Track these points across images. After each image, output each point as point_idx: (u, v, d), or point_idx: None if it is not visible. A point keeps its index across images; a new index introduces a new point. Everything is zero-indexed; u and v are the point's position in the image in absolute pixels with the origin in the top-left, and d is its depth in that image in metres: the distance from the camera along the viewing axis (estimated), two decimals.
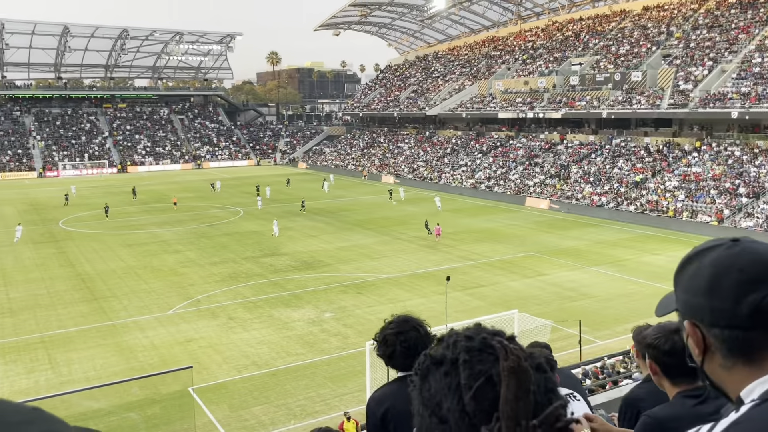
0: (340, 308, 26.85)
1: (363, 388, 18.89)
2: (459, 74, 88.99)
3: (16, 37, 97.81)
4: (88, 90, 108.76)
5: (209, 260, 35.57)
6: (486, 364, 1.10)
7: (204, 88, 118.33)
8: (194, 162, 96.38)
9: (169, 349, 22.48)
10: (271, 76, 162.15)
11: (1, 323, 25.42)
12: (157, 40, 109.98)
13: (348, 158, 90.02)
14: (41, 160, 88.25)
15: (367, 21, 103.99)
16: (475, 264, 34.20)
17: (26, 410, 0.95)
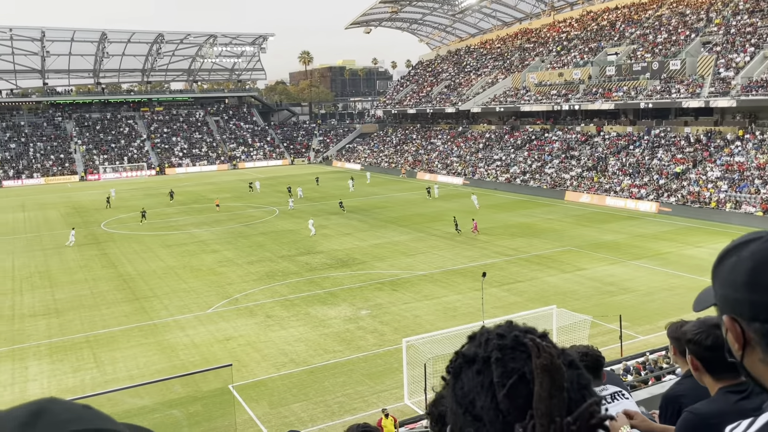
0: (375, 305, 26.90)
1: (400, 385, 18.90)
2: (492, 68, 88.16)
3: (56, 44, 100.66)
4: (126, 94, 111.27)
5: (246, 259, 36.03)
6: (519, 362, 1.10)
7: (238, 90, 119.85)
8: (230, 163, 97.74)
9: (209, 347, 22.86)
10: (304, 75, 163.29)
11: (48, 323, 26.21)
12: (191, 44, 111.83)
13: (381, 155, 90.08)
14: (83, 164, 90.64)
15: (397, 17, 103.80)
16: (512, 259, 33.86)
17: (76, 408, 0.98)
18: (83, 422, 0.96)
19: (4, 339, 24.48)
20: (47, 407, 0.97)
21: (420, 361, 18.49)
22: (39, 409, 0.96)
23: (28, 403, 0.98)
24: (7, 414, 0.96)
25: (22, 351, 23.19)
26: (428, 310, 26.00)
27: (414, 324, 24.39)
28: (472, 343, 1.19)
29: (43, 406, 0.97)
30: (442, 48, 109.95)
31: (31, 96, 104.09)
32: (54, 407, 0.97)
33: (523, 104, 72.47)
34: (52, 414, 0.95)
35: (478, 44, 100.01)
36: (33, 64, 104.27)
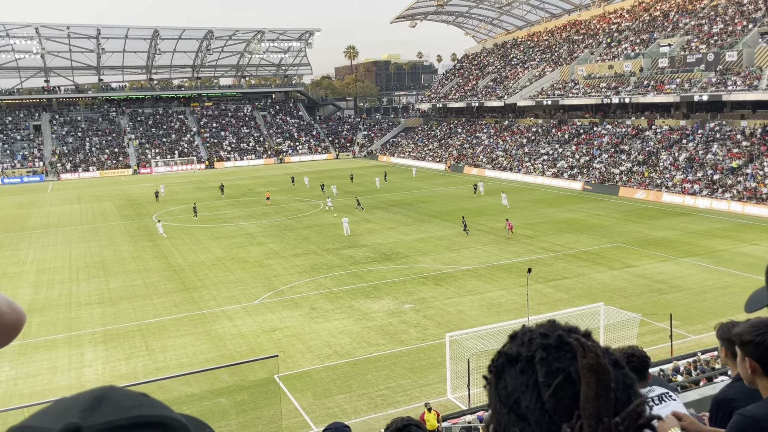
0: (419, 300, 26.93)
1: (443, 379, 18.90)
2: (539, 61, 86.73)
3: (111, 41, 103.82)
4: (177, 90, 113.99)
5: (292, 252, 36.54)
6: (564, 362, 1.09)
7: (284, 85, 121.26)
8: (276, 157, 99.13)
9: (256, 337, 23.32)
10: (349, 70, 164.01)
11: (103, 312, 27.19)
12: (240, 40, 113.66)
13: (425, 150, 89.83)
14: (135, 158, 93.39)
15: (443, 10, 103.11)
16: (558, 255, 33.36)
17: (135, 396, 1.05)
18: (142, 409, 1.02)
19: (62, 326, 25.52)
20: (108, 394, 1.04)
21: (463, 357, 18.45)
22: (101, 396, 1.03)
23: (90, 389, 1.05)
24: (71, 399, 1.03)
25: (78, 338, 24.14)
26: (472, 306, 25.88)
27: (457, 319, 24.33)
28: (514, 342, 1.18)
29: (105, 393, 1.04)
30: (489, 41, 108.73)
31: (87, 92, 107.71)
32: (114, 394, 1.04)
33: (572, 97, 71.09)
34: (112, 400, 1.02)
35: (526, 36, 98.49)
36: (89, 61, 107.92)
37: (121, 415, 1.00)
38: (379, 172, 72.32)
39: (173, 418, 1.04)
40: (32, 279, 33.10)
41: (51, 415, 1.01)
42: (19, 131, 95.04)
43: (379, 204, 52.13)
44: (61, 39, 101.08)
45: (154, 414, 1.02)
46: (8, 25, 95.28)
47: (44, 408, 1.04)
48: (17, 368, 21.35)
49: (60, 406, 1.02)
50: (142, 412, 1.01)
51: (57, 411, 1.01)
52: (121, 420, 0.99)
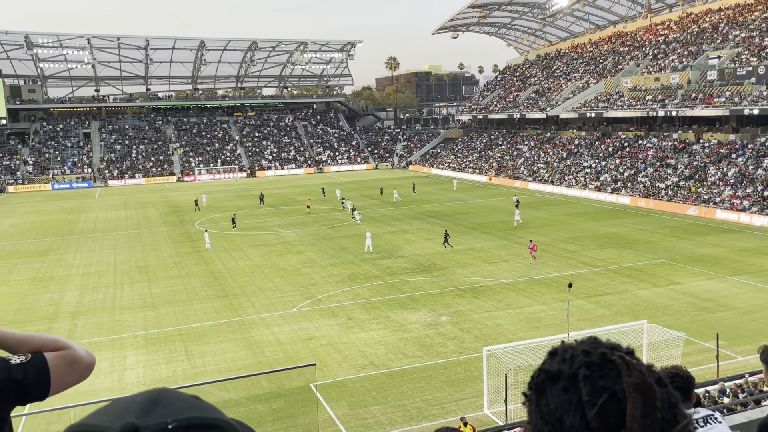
0: (456, 312, 26.69)
1: (480, 394, 18.65)
2: (583, 72, 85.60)
3: (159, 52, 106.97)
4: (221, 100, 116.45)
5: (330, 261, 36.72)
6: (608, 380, 1.08)
7: (326, 95, 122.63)
8: (316, 166, 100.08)
9: (293, 345, 23.45)
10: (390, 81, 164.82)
11: (145, 316, 27.77)
12: (283, 51, 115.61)
13: (465, 161, 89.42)
14: (180, 166, 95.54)
15: (485, 22, 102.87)
16: (600, 271, 32.68)
17: (188, 397, 1.09)
18: (194, 410, 1.06)
19: (106, 329, 26.15)
20: (163, 395, 1.08)
21: (501, 371, 18.17)
22: (156, 397, 1.08)
23: (145, 391, 1.10)
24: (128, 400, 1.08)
25: (121, 341, 24.69)
26: (510, 320, 25.52)
27: (495, 333, 24.01)
28: (554, 358, 1.16)
29: (160, 394, 1.09)
30: (531, 52, 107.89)
31: (135, 101, 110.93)
32: (169, 395, 1.09)
33: (616, 110, 69.86)
34: (167, 401, 1.07)
35: (569, 48, 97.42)
36: (137, 71, 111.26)
37: (176, 416, 1.04)
38: (402, 184, 72.24)
39: (226, 421, 1.08)
40: (78, 282, 34.06)
41: (109, 414, 1.05)
42: (69, 138, 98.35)
43: (417, 215, 52.03)
44: (111, 49, 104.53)
45: (207, 416, 1.06)
46: (62, 36, 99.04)
47: (102, 407, 1.08)
48: None
49: (117, 406, 1.07)
50: (196, 413, 1.05)
51: (115, 411, 1.06)
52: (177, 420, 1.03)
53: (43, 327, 26.53)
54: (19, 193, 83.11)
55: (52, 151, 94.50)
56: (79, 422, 1.06)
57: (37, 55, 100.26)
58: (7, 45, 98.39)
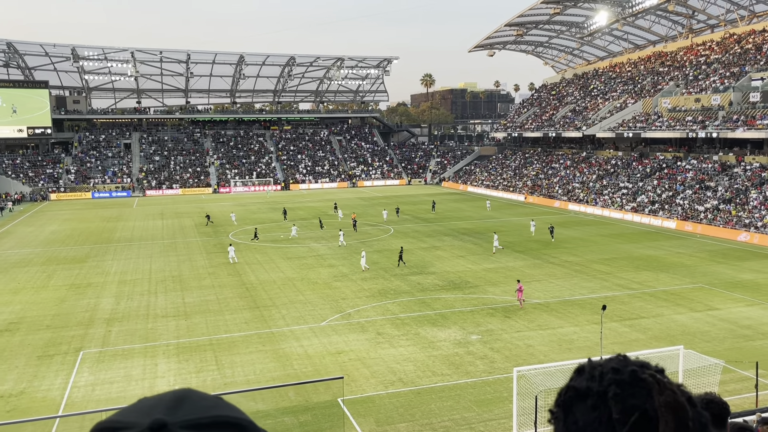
0: (486, 331, 26.39)
1: (509, 415, 18.34)
2: (621, 92, 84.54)
3: (199, 66, 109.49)
4: (258, 113, 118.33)
5: (360, 275, 36.74)
6: (639, 399, 1.08)
7: (361, 111, 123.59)
8: (349, 181, 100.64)
9: (321, 359, 23.46)
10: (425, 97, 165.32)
11: (177, 325, 28.13)
12: (320, 66, 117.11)
13: (499, 179, 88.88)
14: (216, 178, 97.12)
15: (522, 40, 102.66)
16: (635, 293, 31.98)
17: (212, 397, 1.15)
18: (219, 409, 1.11)
19: (139, 336, 26.56)
20: (188, 395, 1.14)
21: (531, 393, 17.85)
22: (182, 396, 1.13)
23: (171, 390, 1.15)
24: (154, 398, 1.13)
25: (153, 348, 25.04)
26: (542, 341, 25.11)
27: (526, 353, 23.65)
28: (582, 376, 1.14)
29: (185, 394, 1.14)
30: (568, 71, 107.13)
31: (174, 113, 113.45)
32: (193, 395, 1.14)
33: (654, 130, 68.72)
34: (192, 400, 1.12)
35: (607, 67, 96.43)
36: (178, 84, 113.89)
37: (202, 414, 1.09)
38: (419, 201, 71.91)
39: (248, 420, 1.13)
40: (114, 290, 34.75)
41: (137, 411, 1.09)
42: (111, 149, 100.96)
43: (449, 231, 51.79)
44: (153, 63, 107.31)
45: (232, 415, 1.11)
46: (107, 49, 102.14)
47: (129, 406, 1.13)
48: (96, 374, 22.33)
49: (145, 404, 1.11)
50: (220, 412, 1.10)
51: (142, 408, 1.10)
52: (203, 418, 1.08)
53: (78, 332, 27.11)
54: (60, 200, 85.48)
55: (93, 161, 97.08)
56: (109, 419, 1.10)
57: (83, 68, 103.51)
58: (54, 57, 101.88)
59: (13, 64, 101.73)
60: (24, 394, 20.75)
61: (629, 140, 75.72)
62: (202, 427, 1.07)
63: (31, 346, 25.43)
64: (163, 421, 1.05)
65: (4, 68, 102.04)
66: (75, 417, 18.65)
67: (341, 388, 19.63)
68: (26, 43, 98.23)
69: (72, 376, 22.15)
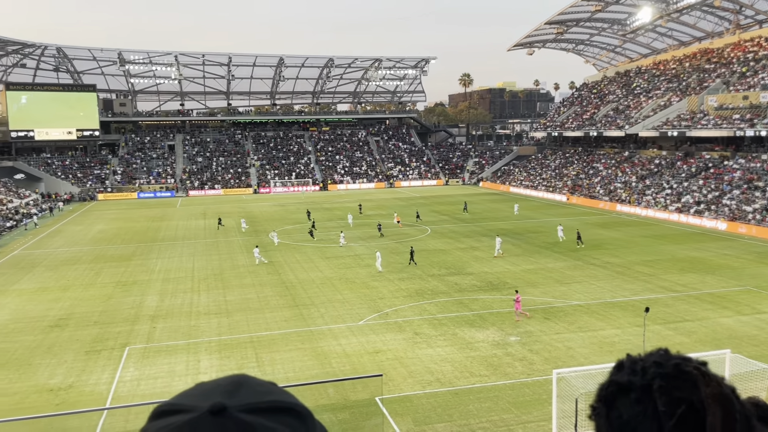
0: (525, 332, 26.15)
1: (548, 417, 18.15)
2: (665, 90, 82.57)
3: (240, 69, 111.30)
4: (297, 115, 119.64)
5: (398, 275, 36.81)
6: (685, 391, 1.08)
7: (398, 111, 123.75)
8: (387, 181, 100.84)
9: (359, 358, 23.61)
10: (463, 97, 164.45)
11: (219, 323, 28.69)
12: (358, 67, 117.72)
13: (539, 179, 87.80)
14: (256, 178, 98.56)
15: (563, 38, 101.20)
16: (680, 296, 31.22)
17: (267, 383, 1.19)
18: (275, 395, 1.15)
19: (182, 333, 27.19)
20: (245, 380, 1.17)
21: (571, 396, 17.64)
22: (239, 381, 1.16)
23: (228, 375, 1.19)
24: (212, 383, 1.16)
25: (196, 345, 25.60)
26: (582, 343, 24.76)
27: (566, 356, 23.35)
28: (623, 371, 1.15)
29: (242, 379, 1.17)
30: (610, 69, 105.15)
31: (216, 115, 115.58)
32: (250, 381, 1.17)
33: (700, 129, 66.91)
34: (249, 386, 1.15)
35: (651, 65, 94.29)
36: (220, 87, 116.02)
37: (259, 399, 1.11)
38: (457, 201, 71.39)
39: (303, 406, 1.15)
40: (159, 287, 35.63)
41: (196, 395, 1.12)
42: (155, 150, 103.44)
43: (487, 232, 51.44)
44: (196, 66, 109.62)
45: (288, 401, 1.14)
46: (152, 53, 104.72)
47: (187, 389, 1.17)
48: (141, 369, 22.96)
49: (203, 388, 1.15)
50: (276, 397, 1.13)
51: (201, 392, 1.13)
52: (260, 403, 1.10)
53: (124, 329, 27.90)
54: (107, 200, 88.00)
55: (138, 162, 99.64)
56: (168, 401, 1.14)
57: (129, 71, 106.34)
58: (101, 61, 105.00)
59: (63, 69, 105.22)
60: (72, 388, 21.47)
61: (674, 139, 73.90)
62: (260, 411, 1.09)
63: (80, 341, 26.29)
64: (222, 404, 1.07)
65: (54, 72, 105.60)
66: (121, 410, 19.23)
67: (379, 387, 19.73)
68: (75, 48, 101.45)
69: (118, 371, 22.83)
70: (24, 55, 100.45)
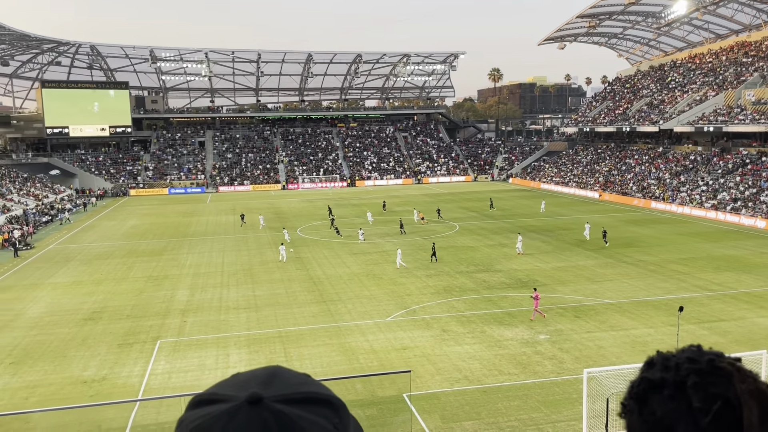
0: (555, 331, 25.80)
1: (579, 417, 17.87)
2: (700, 84, 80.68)
3: (269, 65, 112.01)
4: (325, 111, 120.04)
5: (425, 272, 36.66)
6: (720, 387, 1.08)
7: (427, 107, 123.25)
8: (415, 177, 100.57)
9: (387, 354, 23.56)
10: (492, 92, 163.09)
11: (248, 317, 28.93)
12: (386, 63, 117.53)
13: (569, 175, 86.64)
14: (285, 174, 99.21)
15: (595, 32, 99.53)
16: (715, 295, 30.48)
17: (301, 375, 1.23)
18: (309, 386, 1.18)
19: (212, 327, 27.48)
20: (279, 371, 1.21)
21: (602, 395, 17.32)
22: (273, 372, 1.20)
23: (263, 367, 1.23)
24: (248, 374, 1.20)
25: (225, 339, 25.85)
26: (614, 342, 24.32)
27: (597, 355, 22.96)
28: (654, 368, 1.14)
29: (276, 370, 1.21)
30: (644, 63, 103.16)
31: (246, 112, 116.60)
32: (284, 372, 1.21)
33: (737, 124, 65.23)
34: (284, 377, 1.19)
35: (686, 58, 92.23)
36: (249, 83, 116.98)
37: (294, 390, 1.15)
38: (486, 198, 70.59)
39: (337, 398, 1.18)
40: (189, 282, 36.08)
41: (232, 385, 1.16)
42: (186, 146, 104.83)
43: (517, 228, 50.92)
44: (226, 63, 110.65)
45: (322, 392, 1.18)
46: (183, 50, 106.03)
47: (224, 380, 1.20)
48: (172, 363, 23.26)
49: (240, 379, 1.18)
50: (311, 389, 1.17)
51: (237, 382, 1.17)
52: (296, 394, 1.14)
53: (156, 322, 28.31)
54: (139, 196, 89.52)
55: (170, 158, 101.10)
56: (206, 391, 1.16)
57: (160, 68, 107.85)
58: (134, 59, 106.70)
59: (96, 66, 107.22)
60: (106, 380, 21.86)
61: (709, 135, 72.20)
62: (295, 402, 1.12)
63: (113, 334, 26.75)
64: (259, 395, 1.10)
65: (88, 70, 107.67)
66: (153, 402, 19.50)
67: (407, 384, 19.65)
68: (108, 45, 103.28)
69: (150, 364, 23.16)
70: (59, 53, 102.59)
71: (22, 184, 77.65)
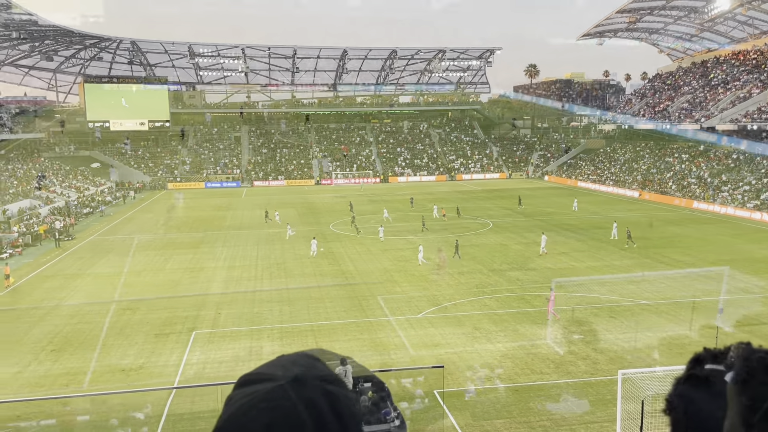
0: (590, 331, 25.43)
1: (612, 419, 17.60)
2: (745, 81, 78.39)
3: (304, 61, 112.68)
4: (359, 107, 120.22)
5: (457, 269, 36.50)
6: None
7: (461, 103, 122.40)
8: (448, 174, 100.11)
9: (418, 350, 23.55)
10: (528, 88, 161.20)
11: (281, 310, 29.24)
12: (421, 59, 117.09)
13: (607, 173, 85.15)
14: (318, 170, 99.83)
15: (635, 27, 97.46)
16: (757, 297, 29.64)
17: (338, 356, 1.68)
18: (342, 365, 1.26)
19: (246, 320, 27.86)
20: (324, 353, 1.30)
21: (637, 397, 17.01)
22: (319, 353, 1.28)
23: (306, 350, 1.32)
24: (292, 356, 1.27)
25: (258, 331, 26.18)
26: (650, 343, 23.85)
27: (632, 356, 22.55)
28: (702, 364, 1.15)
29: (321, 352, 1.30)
30: (686, 59, 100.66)
31: (281, 107, 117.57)
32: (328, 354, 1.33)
33: None
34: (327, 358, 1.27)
35: (729, 55, 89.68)
36: (284, 79, 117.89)
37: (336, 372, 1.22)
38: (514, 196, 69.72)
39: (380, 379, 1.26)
40: (224, 275, 36.63)
41: (279, 366, 1.22)
42: (222, 141, 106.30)
43: (551, 227, 50.31)
44: (262, 58, 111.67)
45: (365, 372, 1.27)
46: (220, 46, 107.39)
47: (269, 362, 1.27)
48: (206, 354, 23.67)
49: (284, 360, 1.25)
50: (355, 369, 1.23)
51: (283, 363, 1.23)
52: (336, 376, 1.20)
53: (191, 314, 28.83)
54: (176, 189, 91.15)
55: (206, 152, 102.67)
56: (253, 371, 1.22)
57: (198, 64, 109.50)
58: (172, 54, 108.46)
59: (137, 62, 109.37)
60: (143, 368, 22.35)
61: (754, 133, 70.10)
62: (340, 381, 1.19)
63: (150, 324, 27.33)
64: (305, 374, 1.15)
65: (128, 65, 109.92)
66: (187, 391, 19.88)
67: (439, 380, 19.62)
68: (148, 41, 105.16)
69: (185, 354, 23.61)
70: (101, 49, 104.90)
71: (65, 177, 79.83)
